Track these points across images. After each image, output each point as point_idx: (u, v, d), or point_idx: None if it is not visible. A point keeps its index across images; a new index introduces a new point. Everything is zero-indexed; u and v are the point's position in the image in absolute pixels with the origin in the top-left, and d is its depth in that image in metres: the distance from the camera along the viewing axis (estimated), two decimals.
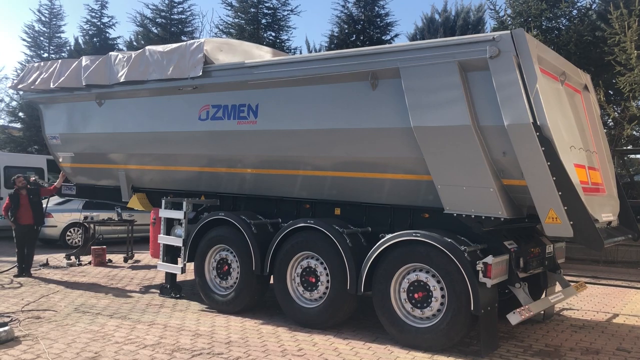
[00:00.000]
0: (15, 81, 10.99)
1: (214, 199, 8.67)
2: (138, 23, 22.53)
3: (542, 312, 7.49)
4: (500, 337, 6.71)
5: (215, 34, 21.44)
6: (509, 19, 14.97)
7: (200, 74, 7.83)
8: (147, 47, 8.73)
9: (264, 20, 20.33)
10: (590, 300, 9.48)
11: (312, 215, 7.61)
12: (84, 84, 9.29)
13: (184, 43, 8.38)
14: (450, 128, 6.04)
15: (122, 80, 8.78)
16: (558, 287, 7.58)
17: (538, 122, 5.63)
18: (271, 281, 7.66)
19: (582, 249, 11.98)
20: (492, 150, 5.98)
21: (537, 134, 5.60)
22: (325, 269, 7.02)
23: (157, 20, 22.42)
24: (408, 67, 6.26)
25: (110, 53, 9.38)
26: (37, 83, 10.12)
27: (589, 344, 6.80)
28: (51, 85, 9.82)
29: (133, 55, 8.83)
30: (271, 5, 20.56)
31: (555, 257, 7.55)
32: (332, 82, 6.93)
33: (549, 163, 5.61)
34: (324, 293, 7.03)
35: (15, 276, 10.02)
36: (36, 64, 10.63)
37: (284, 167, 7.65)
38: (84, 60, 9.49)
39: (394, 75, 6.40)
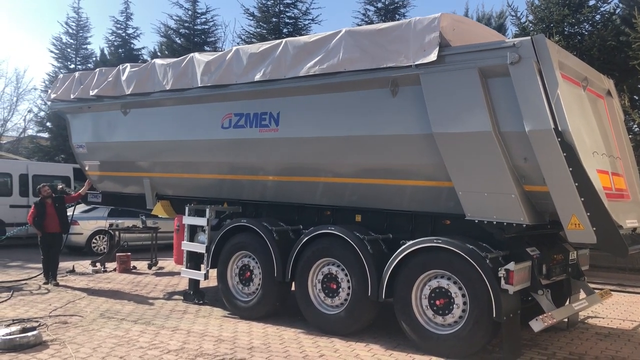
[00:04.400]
0: (49, 92, 11.05)
1: (236, 206, 8.76)
2: (162, 34, 22.94)
3: (566, 319, 7.40)
4: (524, 345, 6.65)
5: (238, 43, 21.68)
6: (530, 25, 14.86)
7: (435, 58, 6.16)
8: (288, 39, 7.54)
9: (285, 30, 20.49)
10: (616, 309, 9.33)
11: (332, 222, 7.65)
12: (167, 87, 8.71)
13: (405, 21, 6.60)
14: (471, 134, 6.04)
15: (258, 78, 7.61)
16: (582, 295, 7.48)
17: (559, 128, 5.60)
18: (293, 287, 7.71)
19: (608, 256, 11.76)
20: (513, 156, 5.96)
21: (559, 139, 5.57)
22: (346, 275, 7.05)
23: (180, 30, 22.75)
24: (428, 74, 6.28)
25: (193, 54, 8.58)
26: (77, 93, 10.13)
27: (614, 352, 6.70)
28: (92, 93, 9.77)
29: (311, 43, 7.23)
30: (292, 15, 20.76)
31: (579, 264, 7.46)
32: (353, 90, 6.97)
33: (571, 169, 5.57)
34: (345, 299, 7.05)
35: (44, 283, 10.21)
36: (76, 74, 10.65)
37: (305, 174, 7.71)
38: (129, 68, 9.40)
39: (414, 82, 6.42)
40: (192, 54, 8.62)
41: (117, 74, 9.55)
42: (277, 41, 7.66)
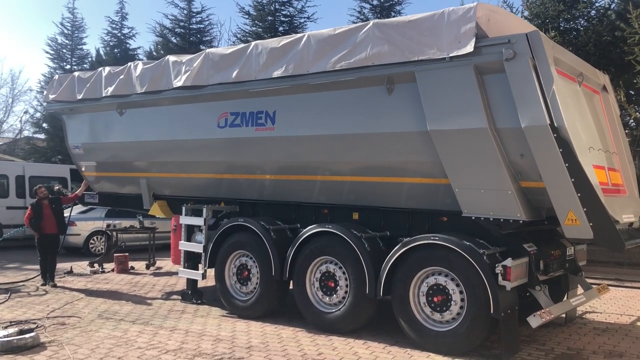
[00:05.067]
0: (46, 93, 10.90)
1: (233, 205, 8.76)
2: (157, 33, 22.87)
3: (564, 315, 7.43)
4: (522, 341, 6.67)
5: (233, 42, 21.65)
6: (526, 20, 14.86)
7: (472, 50, 5.92)
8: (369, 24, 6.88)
9: (281, 28, 20.46)
10: (614, 303, 9.35)
11: (330, 220, 7.65)
12: (180, 84, 8.40)
13: (437, 12, 6.28)
14: (467, 131, 6.04)
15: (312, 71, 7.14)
16: (580, 290, 7.49)
17: (555, 124, 5.60)
18: (291, 286, 7.71)
19: (605, 252, 11.80)
20: (509, 153, 5.96)
21: (555, 135, 5.58)
22: (344, 273, 7.05)
23: (176, 30, 22.69)
24: (424, 71, 6.28)
25: (208, 50, 8.34)
26: (83, 93, 9.96)
27: (612, 347, 6.72)
28: (103, 94, 9.60)
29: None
30: (288, 13, 20.73)
31: (576, 259, 7.46)
32: (348, 88, 6.97)
33: (567, 164, 5.58)
34: (343, 297, 7.06)
35: (42, 285, 10.19)
36: (75, 74, 10.53)
37: (302, 172, 7.71)
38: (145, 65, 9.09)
39: (409, 80, 6.42)
40: (206, 50, 8.37)
41: (129, 71, 9.34)
42: (299, 35, 7.41)
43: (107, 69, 9.88)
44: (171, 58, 8.80)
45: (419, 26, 6.34)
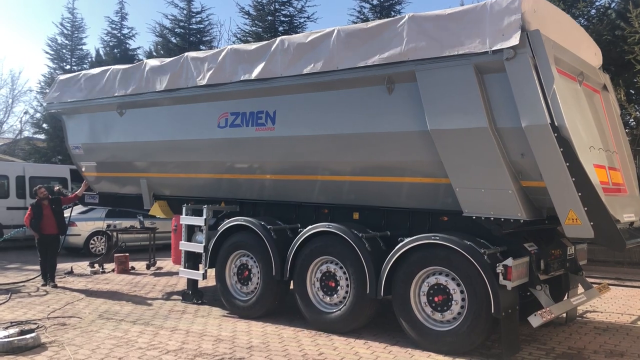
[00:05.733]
0: (52, 92, 10.75)
1: (234, 205, 8.75)
2: (157, 33, 22.85)
3: (565, 314, 7.42)
4: (522, 340, 6.67)
5: (233, 42, 21.64)
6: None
7: (517, 42, 5.67)
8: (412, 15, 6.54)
9: (280, 28, 20.45)
10: (614, 303, 9.35)
11: (330, 220, 7.64)
12: (204, 83, 8.17)
13: (479, 3, 6.05)
14: (468, 130, 6.03)
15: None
16: (580, 289, 7.49)
17: (556, 123, 5.60)
18: (291, 286, 7.71)
19: (606, 251, 11.82)
20: (510, 152, 5.96)
21: (555, 134, 5.57)
22: (344, 273, 7.05)
23: (176, 30, 22.68)
24: (424, 71, 6.27)
25: (230, 46, 8.08)
26: (95, 91, 9.83)
27: (613, 346, 6.71)
28: (122, 92, 9.39)
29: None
30: (288, 13, 20.71)
31: (577, 258, 7.46)
32: (348, 87, 6.96)
33: (567, 164, 5.57)
34: (344, 297, 7.05)
35: (42, 285, 10.19)
36: (81, 74, 10.41)
37: (302, 172, 7.70)
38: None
39: (410, 79, 6.42)
40: (228, 46, 8.19)
41: (143, 70, 9.14)
42: (329, 29, 7.10)
43: (119, 67, 9.72)
44: (190, 55, 8.60)
45: (460, 19, 6.10)
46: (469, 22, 6.04)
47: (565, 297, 7.28)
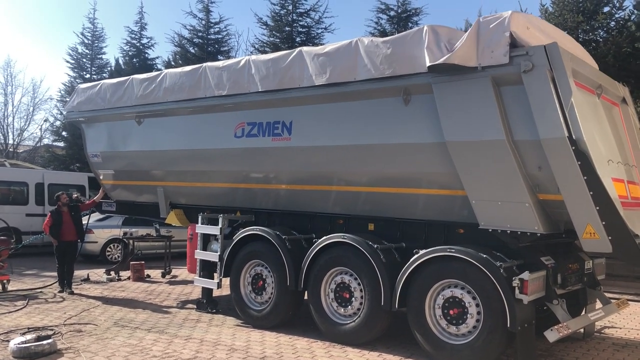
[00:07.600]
0: (73, 100, 10.89)
1: (249, 214, 8.78)
2: (176, 43, 23.12)
3: (582, 330, 7.31)
4: (539, 355, 6.58)
5: (251, 52, 21.81)
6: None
7: (507, 61, 5.80)
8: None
9: (298, 39, 20.58)
10: (634, 319, 9.19)
11: (345, 230, 7.61)
12: (224, 93, 8.24)
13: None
14: (484, 143, 6.01)
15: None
16: (598, 304, 7.38)
17: (574, 136, 5.56)
18: (306, 296, 7.69)
19: (625, 265, 11.60)
20: (527, 165, 5.92)
21: (573, 148, 5.53)
22: (359, 284, 7.02)
23: (194, 40, 22.93)
24: (440, 83, 6.27)
25: (249, 57, 8.11)
26: (113, 100, 9.92)
27: None
28: (135, 103, 9.53)
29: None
30: (305, 24, 20.86)
31: (594, 273, 7.36)
32: (365, 99, 6.98)
33: (585, 177, 5.52)
34: (358, 309, 7.02)
35: (59, 292, 10.28)
36: (102, 83, 10.52)
37: (317, 182, 7.71)
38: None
39: (426, 91, 6.42)
40: (247, 57, 8.23)
41: (162, 80, 9.19)
42: (347, 41, 7.13)
43: (138, 76, 9.79)
44: (209, 65, 8.64)
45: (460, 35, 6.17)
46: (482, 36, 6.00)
47: (583, 312, 7.18)
